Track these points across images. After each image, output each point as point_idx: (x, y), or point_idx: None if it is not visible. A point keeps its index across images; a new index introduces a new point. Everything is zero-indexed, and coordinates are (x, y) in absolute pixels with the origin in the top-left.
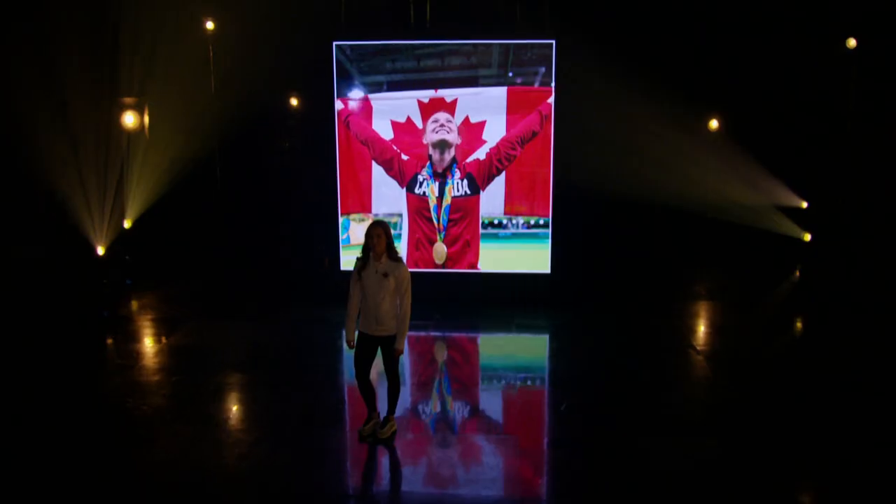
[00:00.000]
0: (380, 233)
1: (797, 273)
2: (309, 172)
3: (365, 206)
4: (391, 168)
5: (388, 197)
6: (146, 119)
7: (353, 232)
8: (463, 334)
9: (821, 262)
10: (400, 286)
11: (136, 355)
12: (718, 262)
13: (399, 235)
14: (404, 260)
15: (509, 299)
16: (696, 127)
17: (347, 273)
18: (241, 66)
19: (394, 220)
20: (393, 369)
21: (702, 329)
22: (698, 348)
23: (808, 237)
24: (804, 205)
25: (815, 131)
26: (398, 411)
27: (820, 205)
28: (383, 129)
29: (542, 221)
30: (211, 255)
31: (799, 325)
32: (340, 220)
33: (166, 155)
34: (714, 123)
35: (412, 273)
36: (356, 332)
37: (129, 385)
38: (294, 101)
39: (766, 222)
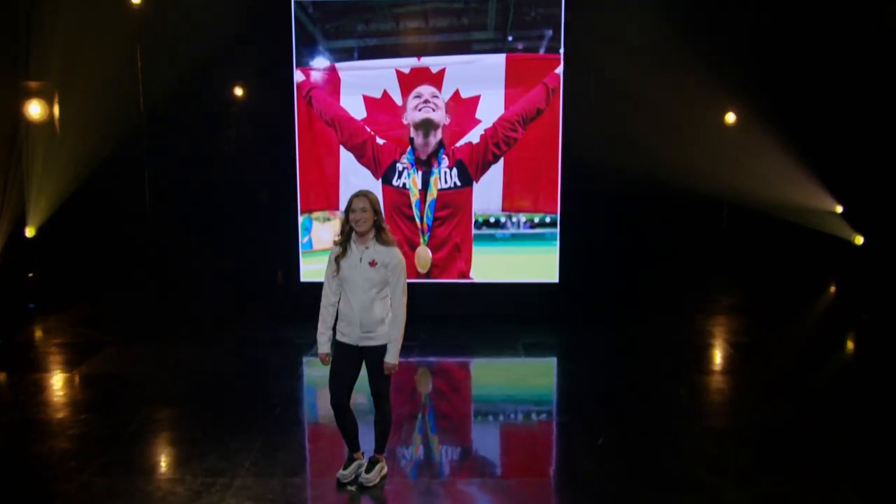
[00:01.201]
0: (364, 205)
1: (833, 284)
2: (260, 162)
3: (331, 202)
4: (363, 154)
5: (359, 189)
6: (56, 107)
7: (317, 234)
8: (460, 359)
9: (861, 271)
10: (392, 278)
11: (35, 387)
12: (755, 266)
13: None
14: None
15: (509, 316)
16: (733, 108)
17: (309, 285)
18: (175, 38)
19: None
20: (383, 392)
21: (739, 347)
22: (739, 369)
23: (860, 240)
24: (839, 209)
25: (858, 127)
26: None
27: (860, 209)
28: (354, 106)
29: (548, 219)
30: (136, 268)
31: (844, 341)
32: (300, 219)
33: (80, 149)
34: (731, 117)
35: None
36: (332, 343)
37: (22, 425)
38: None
39: (814, 223)
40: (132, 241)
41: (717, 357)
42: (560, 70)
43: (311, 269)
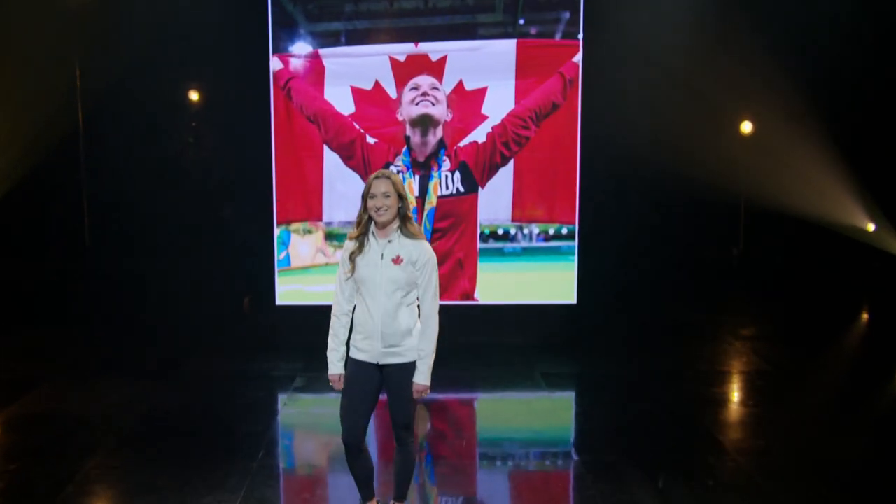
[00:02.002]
0: (387, 189)
1: (866, 303)
2: (228, 167)
3: (312, 212)
4: (351, 155)
5: (346, 197)
6: None
7: (295, 249)
8: (470, 394)
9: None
10: (421, 278)
11: None
12: (789, 284)
13: None
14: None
15: (520, 343)
16: (784, 111)
17: (286, 309)
18: (120, 25)
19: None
20: (407, 422)
21: (781, 375)
22: (784, 399)
23: (871, 227)
24: (871, 227)
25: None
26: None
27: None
28: (340, 99)
29: (565, 231)
30: (82, 292)
31: (887, 367)
32: (276, 232)
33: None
34: (747, 127)
35: None
36: (345, 361)
37: None
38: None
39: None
40: (76, 262)
41: (758, 387)
42: (579, 58)
43: (289, 289)
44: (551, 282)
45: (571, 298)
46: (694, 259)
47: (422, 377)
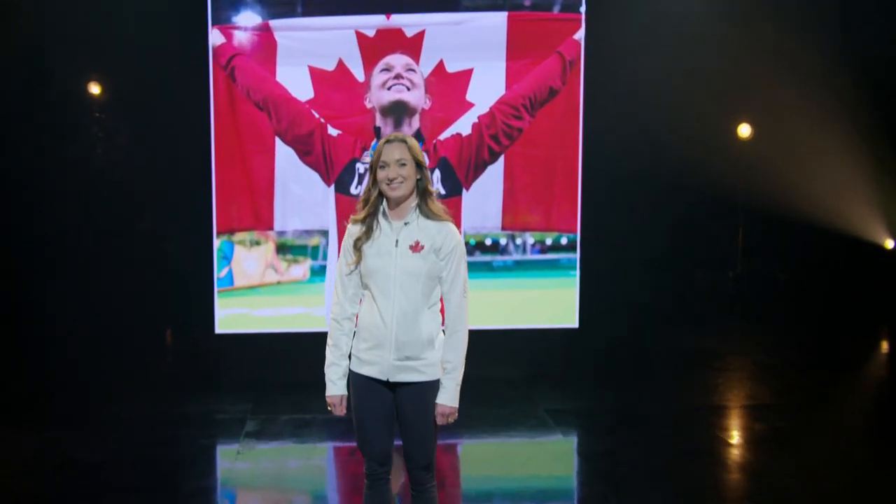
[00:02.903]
0: (403, 155)
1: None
2: (158, 163)
3: (261, 219)
4: (310, 150)
5: (303, 202)
6: None
7: (240, 265)
8: (476, 439)
9: None
10: (447, 270)
11: None
12: (818, 304)
13: (322, 270)
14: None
15: (513, 375)
16: (823, 105)
17: (228, 339)
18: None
19: (313, 241)
20: (427, 459)
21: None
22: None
23: (889, 245)
24: (889, 244)
25: None
26: None
27: None
28: (296, 81)
29: (565, 240)
30: None
31: None
32: (215, 244)
33: None
34: (745, 130)
35: None
36: (347, 378)
37: None
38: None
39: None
40: None
41: (792, 421)
42: (581, 35)
43: (232, 314)
44: (549, 301)
45: (573, 321)
46: (717, 273)
47: (448, 397)
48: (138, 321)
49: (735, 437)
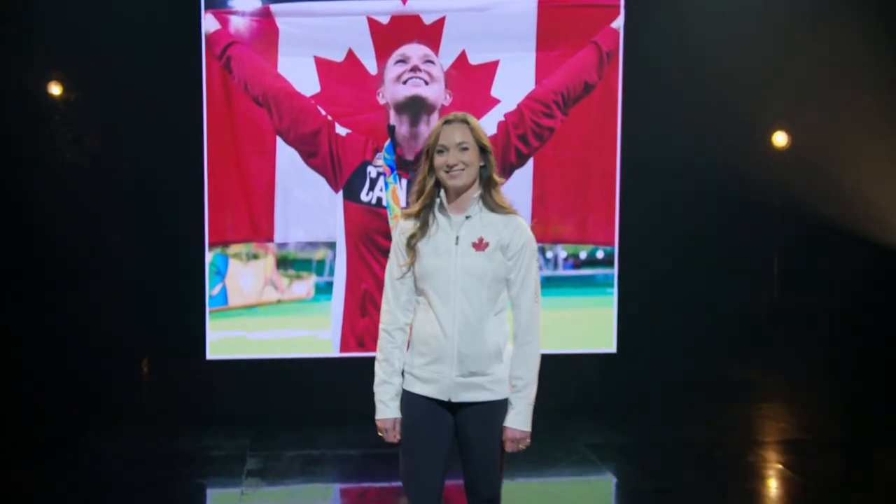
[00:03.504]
0: (465, 138)
1: None
2: (140, 164)
3: (259, 229)
4: (315, 152)
5: (307, 209)
6: None
7: (234, 281)
8: (512, 478)
9: None
10: (516, 271)
11: None
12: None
13: (329, 287)
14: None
15: (544, 404)
16: None
17: (220, 365)
18: None
19: (319, 254)
20: (492, 493)
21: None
22: None
23: None
24: None
25: None
26: None
27: None
28: (300, 74)
29: (601, 254)
30: None
31: None
32: (207, 257)
33: None
34: (780, 139)
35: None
36: (399, 399)
37: None
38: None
39: None
40: None
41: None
42: (620, 24)
43: (226, 337)
44: (584, 323)
45: (610, 345)
46: (772, 289)
47: (519, 419)
48: (118, 346)
49: (801, 475)
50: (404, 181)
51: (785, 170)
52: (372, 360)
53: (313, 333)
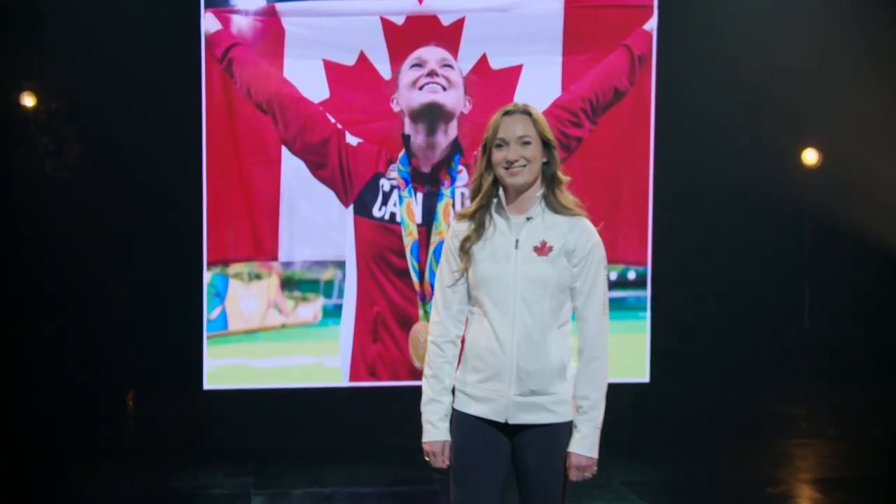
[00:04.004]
0: (527, 132)
1: None
2: (133, 176)
3: (262, 247)
4: (324, 163)
5: (314, 225)
6: None
7: (235, 304)
8: None
9: None
10: (582, 280)
11: None
12: None
13: (338, 310)
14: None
15: None
16: None
17: (218, 395)
18: None
19: (327, 275)
20: None
21: None
22: None
23: None
24: None
25: None
26: None
27: None
28: (308, 78)
29: (633, 275)
30: None
31: None
32: (206, 277)
33: None
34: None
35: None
36: (451, 419)
37: None
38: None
39: None
40: None
41: None
42: (653, 25)
43: (226, 365)
44: (615, 350)
45: (643, 374)
46: (828, 317)
47: (585, 444)
48: (107, 374)
49: None
50: (420, 195)
51: (828, 184)
52: (384, 390)
53: (320, 361)
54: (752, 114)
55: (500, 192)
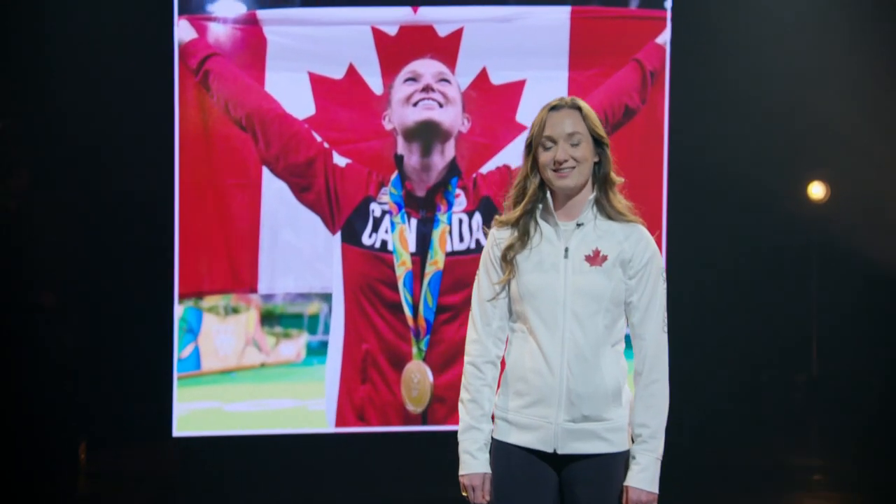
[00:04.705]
0: (577, 129)
1: None
2: (97, 199)
3: (240, 277)
4: (309, 185)
5: (298, 254)
6: None
7: (209, 340)
8: None
9: None
10: (640, 294)
11: None
12: None
13: (323, 348)
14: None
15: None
16: None
17: (189, 444)
18: None
19: (312, 308)
20: None
21: None
22: None
23: None
24: None
25: None
26: None
27: None
28: (292, 93)
29: None
30: None
31: None
32: (176, 311)
33: None
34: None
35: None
36: (490, 450)
37: None
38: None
39: None
40: None
41: None
42: (666, 39)
43: (198, 409)
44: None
45: None
46: (853, 349)
47: (645, 477)
48: (62, 422)
49: None
50: (414, 221)
51: (850, 210)
52: (374, 436)
53: (304, 404)
54: (772, 134)
55: (548, 195)
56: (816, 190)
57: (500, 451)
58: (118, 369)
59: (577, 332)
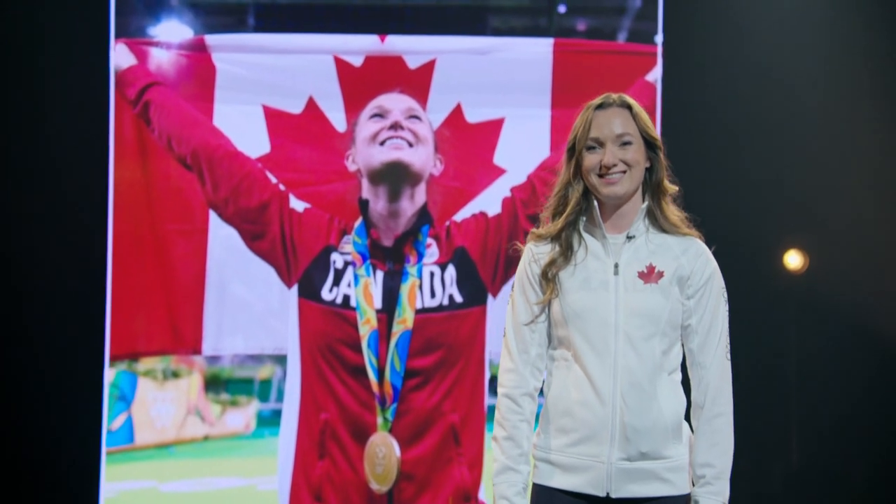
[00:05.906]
0: (627, 130)
1: None
2: (16, 244)
3: (181, 337)
4: (262, 232)
5: (249, 310)
6: None
7: (143, 410)
8: None
9: None
10: (700, 316)
11: None
12: None
13: (276, 417)
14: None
15: None
16: None
17: None
18: None
19: (263, 372)
20: None
21: None
22: None
23: None
24: None
25: None
26: None
27: None
28: (244, 128)
29: None
30: None
31: None
32: (106, 376)
33: None
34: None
35: None
36: (530, 495)
37: None
38: None
39: None
40: None
41: None
42: (656, 76)
43: (129, 490)
44: None
45: None
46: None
47: None
48: None
49: None
50: (380, 274)
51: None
52: None
53: (253, 483)
54: (768, 177)
55: (595, 204)
56: (793, 259)
57: (542, 497)
58: (38, 442)
59: (631, 357)
